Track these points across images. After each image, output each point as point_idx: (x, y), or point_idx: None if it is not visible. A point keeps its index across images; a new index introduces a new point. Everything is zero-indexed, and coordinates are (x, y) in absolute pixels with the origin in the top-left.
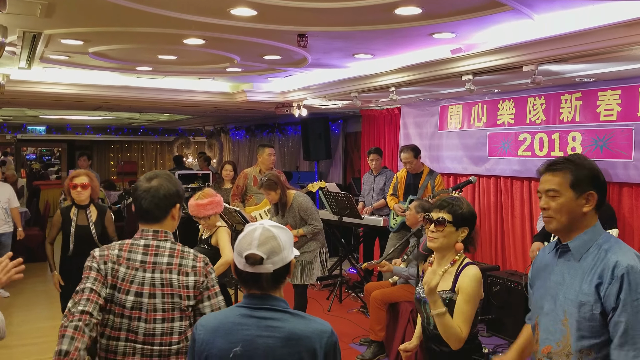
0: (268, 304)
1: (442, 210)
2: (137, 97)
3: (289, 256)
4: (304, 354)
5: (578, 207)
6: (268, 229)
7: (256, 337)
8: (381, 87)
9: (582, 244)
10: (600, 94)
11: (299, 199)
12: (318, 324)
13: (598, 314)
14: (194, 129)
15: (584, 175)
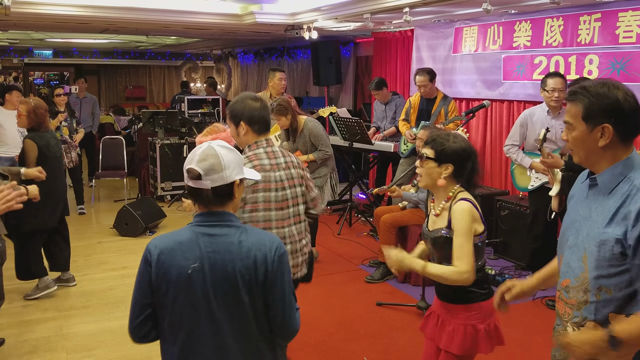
0: (217, 219)
1: (427, 146)
2: (143, 19)
3: (231, 176)
4: (257, 264)
5: (592, 141)
6: (212, 147)
7: (211, 252)
8: (395, 8)
9: (611, 179)
10: (620, 15)
11: (310, 125)
12: (267, 236)
13: (618, 254)
14: (202, 53)
15: (598, 107)
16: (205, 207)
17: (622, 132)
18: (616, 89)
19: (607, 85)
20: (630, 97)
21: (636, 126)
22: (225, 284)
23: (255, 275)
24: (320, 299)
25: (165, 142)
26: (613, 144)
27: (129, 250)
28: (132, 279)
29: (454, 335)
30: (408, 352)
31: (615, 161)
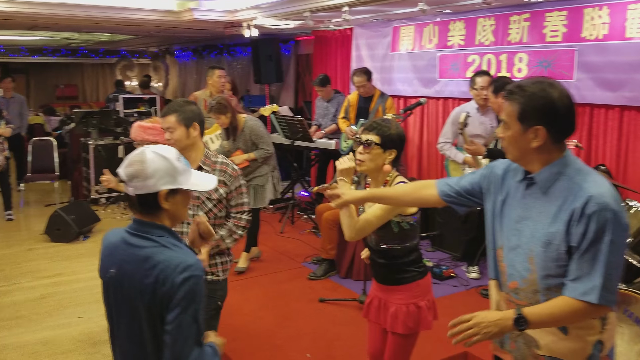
0: (141, 230)
1: (371, 132)
2: (74, 15)
3: (156, 186)
4: (156, 284)
5: (526, 142)
6: (144, 152)
7: (125, 262)
8: (334, 6)
9: (549, 177)
10: (547, 15)
11: (250, 123)
12: (180, 257)
13: (564, 253)
14: (138, 50)
15: (533, 108)
16: (135, 214)
17: (555, 133)
18: (552, 89)
19: (543, 86)
20: (565, 97)
21: (569, 126)
22: (128, 298)
23: (154, 297)
24: (263, 297)
25: (99, 142)
26: (546, 145)
27: (62, 256)
28: (66, 287)
29: (398, 315)
30: (351, 346)
31: (551, 161)
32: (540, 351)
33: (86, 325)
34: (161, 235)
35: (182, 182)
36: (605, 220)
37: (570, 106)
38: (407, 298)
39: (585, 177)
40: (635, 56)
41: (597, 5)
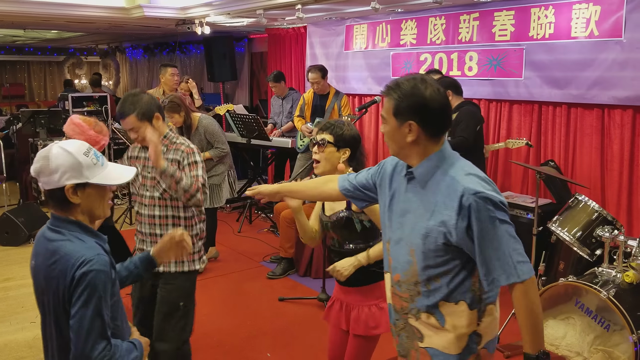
0: (55, 224)
1: (325, 132)
2: (19, 12)
3: (60, 181)
4: (60, 278)
5: (402, 136)
6: (50, 148)
7: (39, 255)
8: (287, 4)
9: (427, 171)
10: (496, 14)
11: (205, 122)
12: (80, 250)
13: (442, 245)
14: (87, 47)
15: (406, 104)
16: (50, 209)
17: (428, 128)
18: (424, 86)
19: (415, 82)
20: (437, 94)
21: (443, 123)
22: (39, 291)
23: (57, 291)
24: (222, 298)
25: (48, 142)
26: (421, 139)
27: (12, 260)
28: (17, 291)
29: (359, 316)
30: (311, 345)
31: (427, 155)
32: (422, 344)
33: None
34: (72, 230)
35: (89, 176)
36: (485, 208)
37: (442, 102)
38: (369, 299)
39: (457, 170)
40: (581, 55)
41: (543, 5)
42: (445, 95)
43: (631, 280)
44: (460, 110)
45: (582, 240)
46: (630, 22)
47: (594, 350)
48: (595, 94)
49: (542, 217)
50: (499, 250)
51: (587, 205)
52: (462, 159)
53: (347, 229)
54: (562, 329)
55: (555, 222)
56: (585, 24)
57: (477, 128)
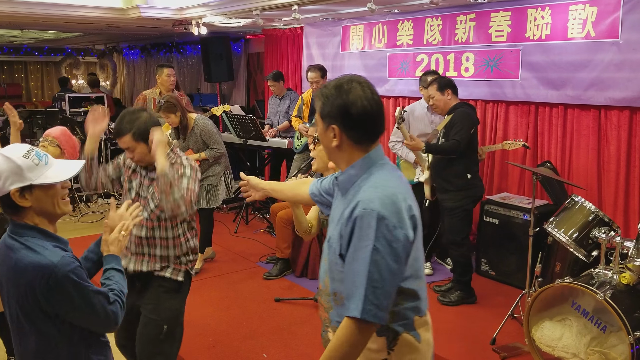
0: (14, 232)
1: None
2: (16, 12)
3: (4, 187)
4: (29, 288)
5: (328, 140)
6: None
7: (3, 265)
8: (284, 5)
9: (347, 179)
10: (492, 15)
11: (201, 123)
12: (40, 257)
13: (339, 256)
14: (84, 48)
15: (329, 107)
16: (8, 216)
17: (351, 134)
18: (349, 89)
19: (341, 84)
20: (363, 99)
21: (367, 129)
22: (6, 300)
23: (26, 298)
24: (218, 298)
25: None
26: (346, 145)
27: None
28: None
29: None
30: (307, 345)
31: (351, 162)
32: None
33: None
34: (30, 236)
35: (32, 178)
36: (368, 226)
37: (368, 107)
38: None
39: (369, 181)
40: (577, 56)
41: (539, 6)
42: (376, 101)
43: (628, 281)
44: (456, 112)
45: (579, 241)
46: (626, 23)
47: (591, 351)
48: (592, 95)
49: (539, 218)
50: (361, 275)
51: (584, 206)
52: (384, 170)
53: None
54: (558, 331)
55: (552, 223)
56: (582, 25)
57: (472, 131)
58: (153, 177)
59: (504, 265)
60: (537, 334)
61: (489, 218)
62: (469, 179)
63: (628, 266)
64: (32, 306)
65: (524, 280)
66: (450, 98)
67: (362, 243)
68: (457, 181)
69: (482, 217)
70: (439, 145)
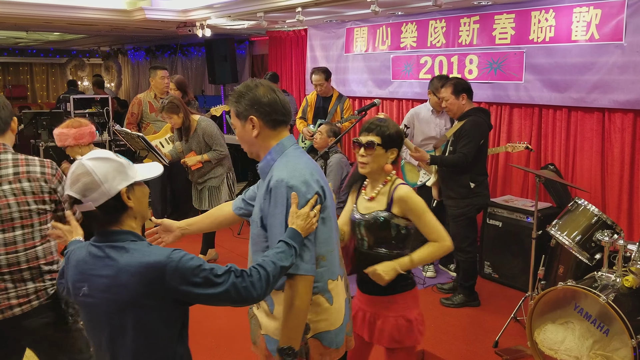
0: (108, 240)
1: (371, 133)
2: (21, 14)
3: (113, 188)
4: (137, 290)
5: (248, 134)
6: (82, 164)
7: (95, 276)
8: (287, 7)
9: (265, 164)
10: (496, 18)
11: (203, 124)
12: (149, 257)
13: (260, 229)
14: (89, 49)
15: (245, 104)
16: (101, 227)
17: (269, 120)
18: (256, 88)
19: (248, 86)
20: (271, 92)
21: (278, 114)
22: (105, 312)
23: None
24: None
25: (49, 144)
26: (263, 133)
27: None
28: None
29: (384, 327)
30: None
31: (268, 149)
32: (262, 331)
33: None
34: (129, 240)
35: (134, 175)
36: (280, 195)
37: (275, 97)
38: (395, 310)
39: (282, 163)
40: (581, 58)
41: (543, 9)
42: (279, 93)
43: (631, 284)
44: (467, 121)
45: (582, 244)
46: (630, 25)
47: (593, 355)
48: (596, 98)
49: (542, 221)
50: (280, 236)
51: (587, 209)
52: (295, 153)
53: (381, 232)
54: (561, 334)
55: (555, 226)
56: (586, 28)
57: (481, 142)
58: None
59: (507, 268)
60: (540, 337)
61: (492, 221)
62: (472, 188)
63: (631, 269)
64: (148, 304)
65: (527, 283)
66: (465, 103)
67: (276, 210)
68: (461, 190)
69: (485, 219)
70: (445, 158)
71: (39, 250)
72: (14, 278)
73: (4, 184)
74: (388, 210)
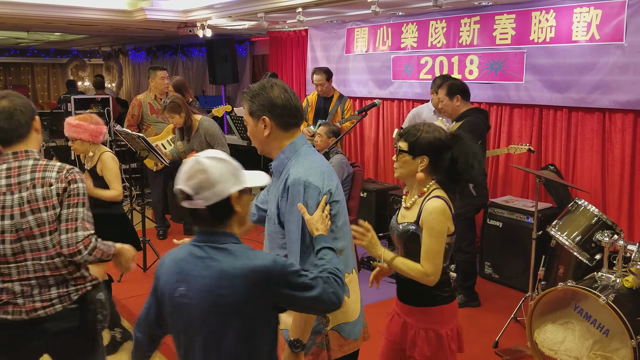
0: (211, 240)
1: (402, 139)
2: (22, 14)
3: (225, 190)
4: (240, 293)
5: (260, 133)
6: (199, 161)
7: (196, 276)
8: (288, 8)
9: (279, 163)
10: (496, 18)
11: (206, 124)
12: (254, 260)
13: (278, 226)
14: (90, 50)
15: (258, 104)
16: (204, 227)
17: (281, 122)
18: (271, 89)
19: (263, 86)
20: (285, 93)
21: (290, 117)
22: (203, 312)
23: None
24: None
25: (50, 144)
26: (275, 133)
27: None
28: None
29: (416, 339)
30: None
31: (281, 148)
32: (281, 326)
33: None
34: (232, 243)
35: (244, 180)
36: (297, 192)
37: (289, 100)
38: (426, 322)
39: (298, 161)
40: (581, 59)
41: (544, 9)
42: (293, 95)
43: (631, 285)
44: (464, 122)
45: (582, 244)
46: (631, 26)
47: (593, 355)
48: (596, 98)
49: (543, 221)
50: (296, 232)
51: (587, 209)
52: (308, 152)
53: (409, 245)
54: (561, 334)
55: (555, 226)
56: (586, 28)
57: (479, 142)
58: None
59: (508, 268)
60: (540, 338)
61: (492, 221)
62: (471, 188)
63: (631, 270)
64: (250, 308)
65: (527, 283)
66: (459, 104)
67: (293, 207)
68: None
69: (485, 220)
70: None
71: (57, 260)
72: (40, 283)
73: (23, 190)
74: (415, 223)
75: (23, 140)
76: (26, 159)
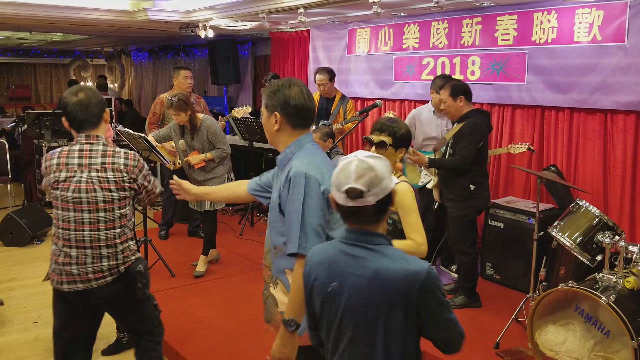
0: (364, 240)
1: (383, 133)
2: (25, 15)
3: (389, 185)
4: (392, 294)
5: (270, 126)
6: (363, 160)
7: (348, 274)
8: (290, 8)
9: (284, 156)
10: (498, 19)
11: (207, 122)
12: (409, 265)
13: (279, 214)
14: (92, 50)
15: (275, 100)
16: (360, 225)
17: (290, 120)
18: (289, 88)
19: (284, 84)
20: (300, 95)
21: (300, 117)
22: (353, 310)
23: (391, 308)
24: (221, 300)
25: (52, 144)
26: (284, 129)
27: (15, 261)
28: (20, 292)
29: None
30: None
31: (288, 143)
32: (279, 308)
33: (41, 330)
34: (383, 244)
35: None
36: (298, 183)
37: (303, 102)
38: None
39: (301, 156)
40: (583, 60)
41: (546, 10)
42: (309, 98)
43: (632, 286)
44: (465, 123)
45: (583, 245)
46: (633, 27)
47: (594, 356)
48: (598, 99)
49: (544, 222)
50: (296, 220)
51: (588, 210)
52: (312, 149)
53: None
54: (562, 335)
55: (556, 227)
56: (588, 29)
57: (480, 144)
58: None
59: (509, 269)
60: (541, 338)
61: (494, 222)
62: (472, 190)
63: (632, 271)
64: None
65: (529, 284)
66: (463, 105)
67: (294, 197)
68: (460, 192)
69: (487, 220)
70: (443, 161)
71: (117, 231)
72: (94, 254)
73: (92, 171)
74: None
75: (95, 128)
76: (97, 143)
